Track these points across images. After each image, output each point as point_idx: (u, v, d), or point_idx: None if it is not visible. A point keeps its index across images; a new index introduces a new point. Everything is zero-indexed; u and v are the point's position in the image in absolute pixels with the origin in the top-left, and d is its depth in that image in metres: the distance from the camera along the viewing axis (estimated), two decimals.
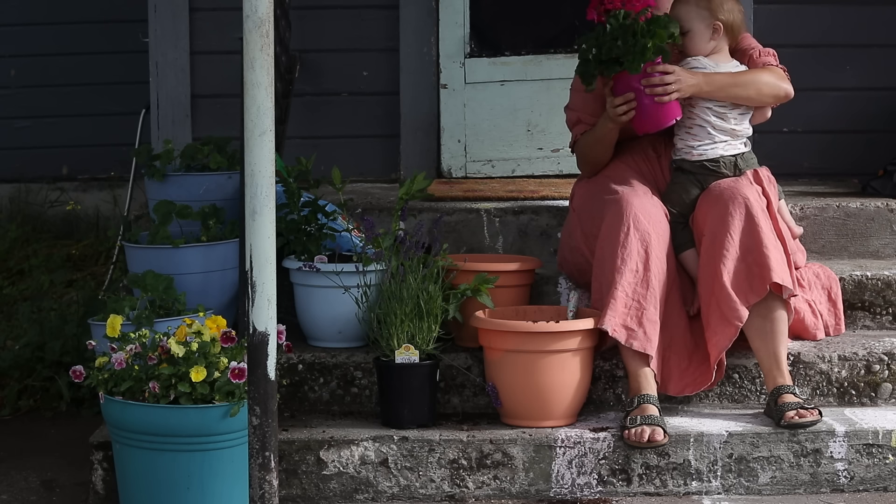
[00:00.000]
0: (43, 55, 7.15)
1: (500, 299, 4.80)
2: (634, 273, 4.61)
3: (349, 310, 4.79)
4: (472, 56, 6.33)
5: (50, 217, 7.07)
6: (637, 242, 4.62)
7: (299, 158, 5.16)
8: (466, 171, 6.36)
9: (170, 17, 6.24)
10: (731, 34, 4.80)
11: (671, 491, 4.51)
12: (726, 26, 4.78)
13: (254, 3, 3.57)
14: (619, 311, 4.59)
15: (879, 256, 5.50)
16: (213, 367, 4.17)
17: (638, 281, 4.61)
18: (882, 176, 5.81)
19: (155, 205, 5.08)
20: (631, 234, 4.63)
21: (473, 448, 4.49)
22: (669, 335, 4.67)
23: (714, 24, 4.77)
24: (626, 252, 4.62)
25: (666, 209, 4.76)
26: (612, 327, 4.57)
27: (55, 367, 5.45)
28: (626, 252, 4.62)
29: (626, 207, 4.66)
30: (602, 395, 4.79)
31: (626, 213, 4.65)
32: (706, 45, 4.79)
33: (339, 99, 6.36)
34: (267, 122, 3.59)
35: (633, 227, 4.64)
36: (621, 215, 4.66)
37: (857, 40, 6.33)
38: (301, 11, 6.15)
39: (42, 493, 4.63)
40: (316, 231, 4.98)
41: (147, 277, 4.70)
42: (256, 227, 3.60)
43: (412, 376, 4.57)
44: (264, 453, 3.67)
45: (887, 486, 4.53)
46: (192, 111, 6.27)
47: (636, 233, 4.63)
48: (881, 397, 4.80)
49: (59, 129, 7.16)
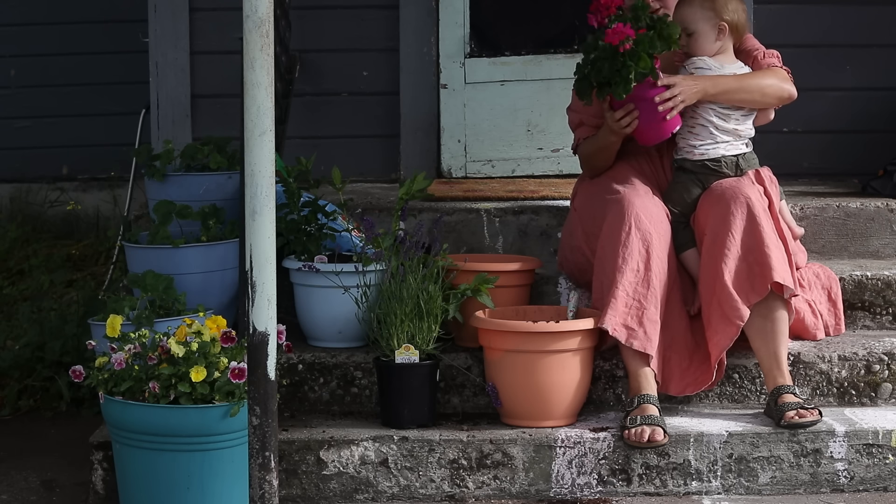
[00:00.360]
0: (43, 55, 7.15)
1: (500, 299, 4.79)
2: (635, 273, 4.61)
3: (349, 310, 4.79)
4: (472, 56, 6.33)
5: (50, 217, 7.07)
6: (638, 242, 4.62)
7: (299, 158, 5.16)
8: (466, 171, 6.36)
9: (170, 17, 6.24)
10: (735, 34, 4.81)
11: (671, 491, 4.51)
12: (731, 26, 4.78)
13: (254, 3, 3.57)
14: (620, 311, 4.59)
15: (879, 256, 5.50)
16: (213, 367, 4.17)
17: (639, 280, 4.61)
18: (882, 176, 5.81)
19: (155, 205, 5.08)
20: (632, 234, 4.63)
21: (473, 448, 4.49)
22: (670, 335, 4.67)
23: (719, 25, 4.76)
24: (628, 251, 4.62)
25: (667, 209, 4.77)
26: (613, 326, 4.57)
27: (55, 367, 5.44)
28: (627, 251, 4.62)
29: (627, 207, 4.66)
30: (602, 395, 4.79)
31: (628, 213, 4.65)
32: (711, 45, 4.78)
33: (339, 99, 6.36)
34: (267, 122, 3.59)
35: (634, 226, 4.64)
36: (623, 215, 4.66)
37: (857, 40, 6.33)
38: (301, 11, 6.15)
39: (42, 493, 4.63)
40: (316, 231, 4.98)
41: (147, 277, 4.70)
42: (256, 227, 3.60)
43: (412, 376, 4.57)
44: (264, 453, 3.67)
45: (887, 486, 4.53)
46: (192, 111, 6.27)
47: (637, 232, 4.63)
48: (881, 397, 4.80)
49: (59, 129, 7.16)
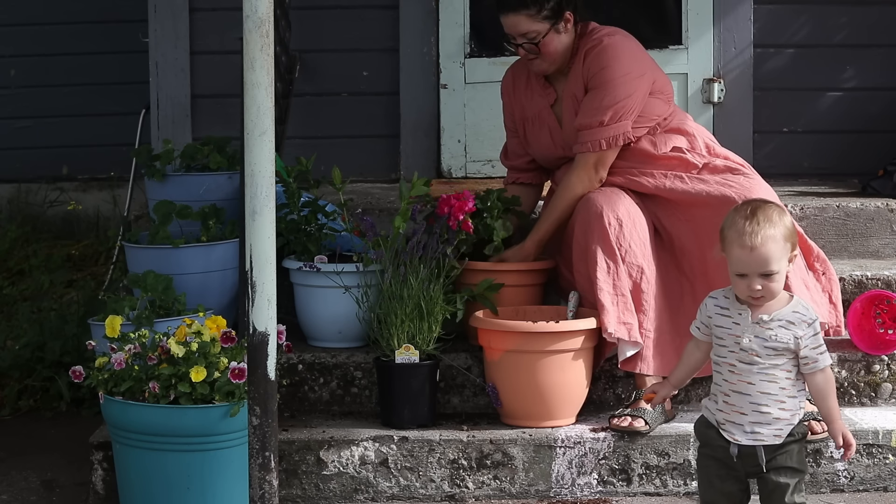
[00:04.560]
0: (43, 55, 7.15)
1: (516, 299, 4.80)
2: (607, 271, 4.64)
3: (349, 310, 4.79)
4: (472, 56, 6.33)
5: (50, 217, 7.06)
6: (613, 235, 4.64)
7: (299, 158, 5.16)
8: (466, 171, 6.36)
9: (170, 17, 6.24)
10: None
11: (671, 491, 4.51)
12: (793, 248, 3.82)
13: (254, 3, 3.57)
14: (611, 310, 4.61)
15: (879, 256, 5.50)
16: (213, 368, 4.17)
17: (616, 275, 4.64)
18: (882, 176, 5.80)
19: (155, 205, 5.07)
20: (605, 230, 4.65)
21: (473, 448, 4.49)
22: (679, 320, 4.67)
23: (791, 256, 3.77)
24: (604, 249, 4.64)
25: (639, 204, 4.76)
26: (613, 327, 4.58)
27: (55, 367, 5.44)
28: (603, 250, 4.64)
29: (593, 209, 4.70)
30: (602, 395, 4.79)
31: (595, 213, 4.69)
32: None
33: (339, 99, 6.36)
34: (267, 122, 3.59)
35: (606, 217, 4.66)
36: (590, 217, 4.69)
37: (857, 40, 6.33)
38: (301, 11, 6.14)
39: (42, 493, 4.63)
40: (316, 231, 4.97)
41: (147, 277, 4.70)
42: (256, 227, 3.60)
43: (412, 376, 4.56)
44: (264, 453, 3.67)
45: (887, 486, 4.53)
46: (192, 111, 6.27)
47: (610, 228, 4.65)
48: (881, 397, 4.81)
49: (59, 129, 7.15)
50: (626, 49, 4.83)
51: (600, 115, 4.74)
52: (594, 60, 4.79)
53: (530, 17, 4.80)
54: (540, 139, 4.94)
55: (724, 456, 3.72)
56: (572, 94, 4.88)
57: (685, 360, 3.89)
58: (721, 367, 3.74)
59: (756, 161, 5.82)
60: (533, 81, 4.99)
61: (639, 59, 4.83)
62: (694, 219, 4.74)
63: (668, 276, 4.75)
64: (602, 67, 4.77)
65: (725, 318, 3.74)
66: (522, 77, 5.02)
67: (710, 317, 3.77)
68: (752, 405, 3.69)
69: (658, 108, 4.84)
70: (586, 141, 4.78)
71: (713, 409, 3.75)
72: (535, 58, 4.86)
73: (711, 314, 3.77)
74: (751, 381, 3.69)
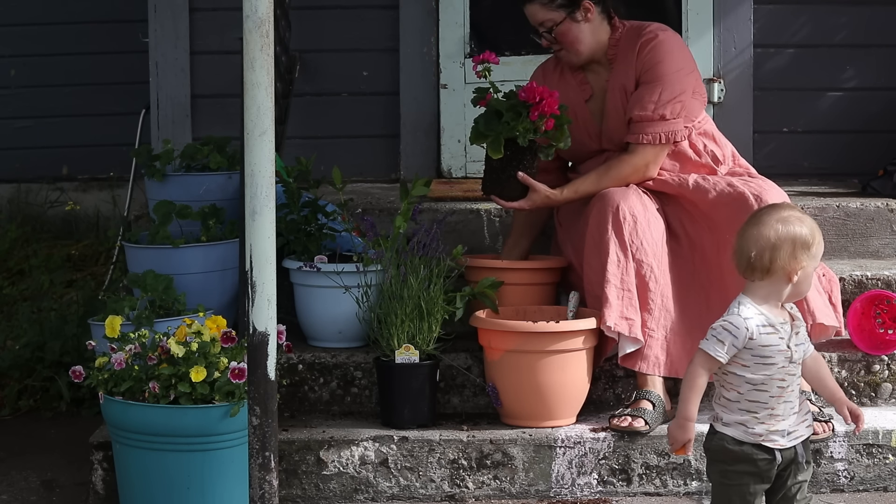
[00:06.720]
0: (43, 55, 7.15)
1: (526, 298, 4.80)
2: (617, 265, 4.64)
3: (349, 310, 4.79)
4: (472, 56, 6.33)
5: (50, 217, 7.06)
6: (627, 231, 4.64)
7: (299, 158, 5.16)
8: (466, 171, 6.35)
9: (170, 17, 6.24)
10: None
11: (671, 491, 4.51)
12: None
13: (254, 3, 3.57)
14: (615, 305, 4.60)
15: (879, 256, 5.50)
16: (213, 368, 4.17)
17: (624, 270, 4.64)
18: (882, 176, 5.80)
19: (155, 205, 5.08)
20: (622, 222, 4.64)
21: (473, 448, 4.49)
22: (690, 322, 4.67)
23: None
24: (617, 243, 4.63)
25: (656, 205, 4.76)
26: (614, 321, 4.58)
27: (55, 367, 5.44)
28: (616, 243, 4.63)
29: (609, 202, 4.69)
30: (602, 395, 4.79)
31: (611, 207, 4.67)
32: None
33: (339, 99, 6.36)
34: (267, 122, 3.59)
35: (620, 214, 4.65)
36: (606, 210, 4.68)
37: (857, 40, 6.33)
38: (301, 11, 6.14)
39: (42, 493, 4.63)
40: (316, 231, 4.98)
41: (147, 277, 4.70)
42: (256, 227, 3.60)
43: (412, 376, 4.57)
44: (264, 453, 3.67)
45: (887, 486, 4.53)
46: (192, 111, 6.27)
47: (624, 219, 4.64)
48: (881, 397, 4.81)
49: (59, 129, 7.15)
50: (680, 45, 4.89)
51: (661, 109, 4.76)
52: (650, 54, 4.81)
53: (544, 7, 4.84)
54: (573, 133, 4.90)
55: (768, 468, 3.57)
56: (621, 86, 4.87)
57: (698, 392, 3.56)
58: (768, 385, 3.54)
59: (756, 161, 5.83)
60: (568, 76, 5.00)
61: (688, 56, 4.90)
62: (716, 225, 4.74)
63: (682, 280, 4.74)
64: (658, 61, 4.80)
65: (772, 335, 3.54)
66: (555, 72, 5.02)
67: (752, 338, 3.51)
68: (794, 407, 3.58)
69: (696, 109, 4.86)
70: (646, 132, 4.78)
71: (752, 426, 3.54)
72: (560, 49, 4.90)
73: (755, 335, 3.52)
74: (793, 388, 3.57)
